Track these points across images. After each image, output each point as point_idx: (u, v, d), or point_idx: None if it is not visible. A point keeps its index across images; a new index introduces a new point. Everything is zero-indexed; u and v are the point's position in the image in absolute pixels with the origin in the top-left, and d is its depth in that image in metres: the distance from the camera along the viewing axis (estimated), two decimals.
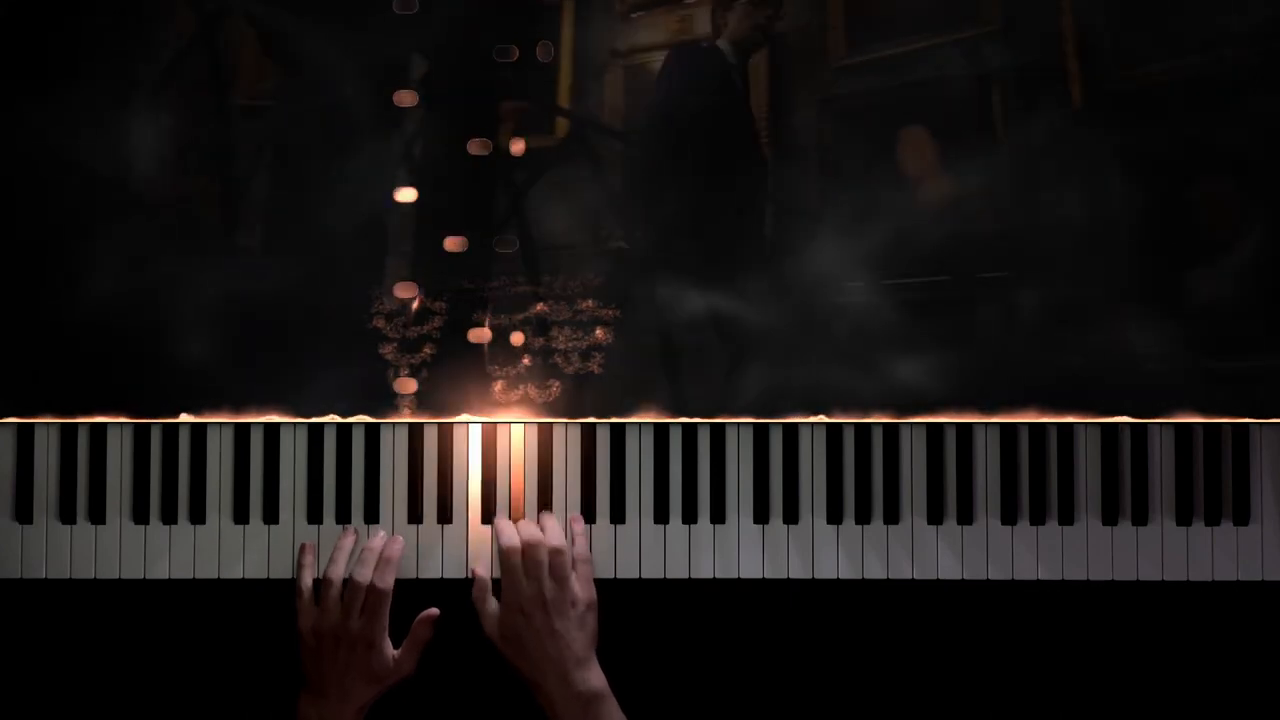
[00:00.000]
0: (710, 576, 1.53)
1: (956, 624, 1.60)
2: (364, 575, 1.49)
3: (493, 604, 1.49)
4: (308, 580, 1.50)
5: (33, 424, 1.53)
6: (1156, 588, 1.52)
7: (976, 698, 1.60)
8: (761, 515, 1.53)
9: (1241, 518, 1.52)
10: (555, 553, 1.48)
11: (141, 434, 1.53)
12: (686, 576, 1.53)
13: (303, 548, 1.52)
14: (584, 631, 1.47)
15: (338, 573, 1.50)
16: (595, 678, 1.46)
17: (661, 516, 1.53)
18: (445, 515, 1.53)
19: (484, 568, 1.51)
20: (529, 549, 1.47)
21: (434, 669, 1.52)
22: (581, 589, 1.48)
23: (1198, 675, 1.60)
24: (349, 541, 1.52)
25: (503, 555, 1.48)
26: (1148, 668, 1.60)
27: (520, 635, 1.46)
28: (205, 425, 1.53)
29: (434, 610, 1.51)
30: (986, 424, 1.53)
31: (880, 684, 1.60)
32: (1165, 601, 1.57)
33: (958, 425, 1.53)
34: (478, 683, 1.58)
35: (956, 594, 1.55)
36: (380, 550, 1.50)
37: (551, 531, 1.49)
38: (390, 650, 1.49)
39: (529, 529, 1.49)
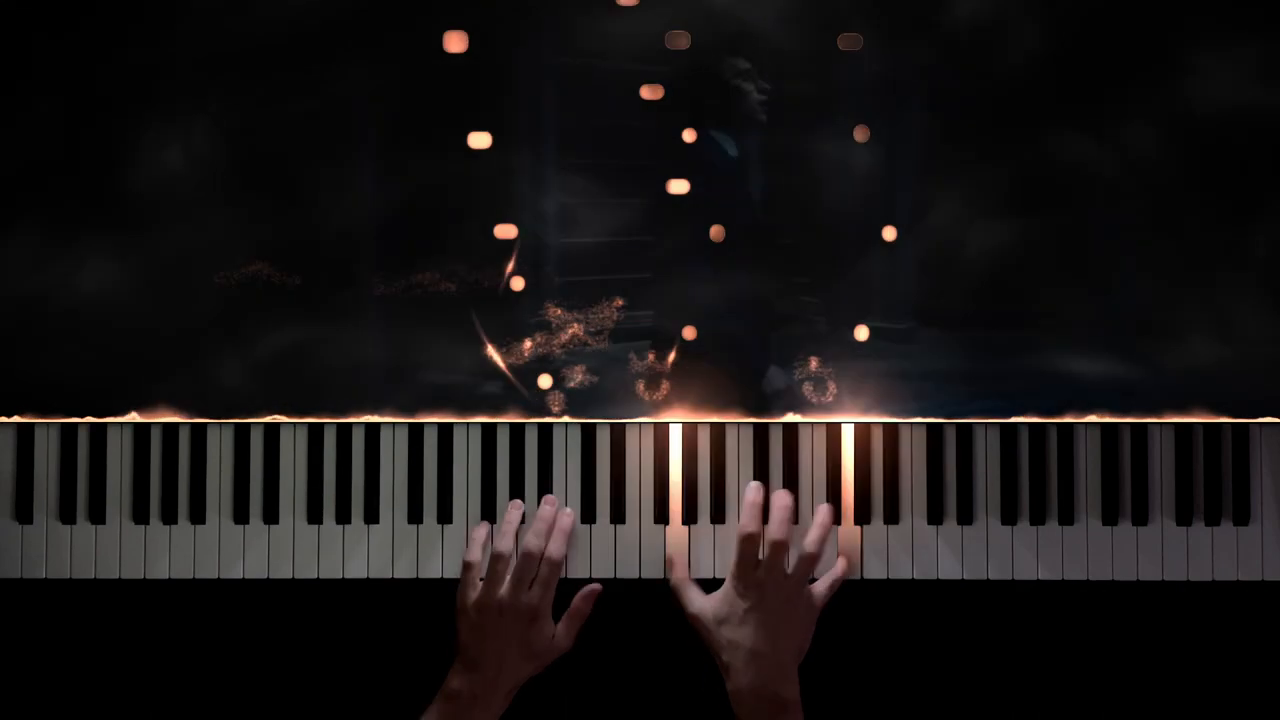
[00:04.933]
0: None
1: (956, 624, 1.60)
2: (536, 545, 1.48)
3: (695, 587, 1.50)
4: (477, 554, 1.49)
5: (33, 424, 1.53)
6: (1156, 588, 1.52)
7: (976, 698, 1.60)
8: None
9: (1241, 518, 1.52)
10: (809, 559, 1.48)
11: (141, 434, 1.53)
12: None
13: (480, 525, 1.51)
14: (798, 640, 1.47)
15: (507, 546, 1.49)
16: (792, 689, 1.45)
17: (661, 516, 1.53)
18: (447, 515, 1.53)
19: (681, 558, 1.51)
20: (779, 547, 1.47)
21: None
22: (814, 601, 1.48)
23: (1198, 675, 1.60)
24: (516, 515, 1.51)
25: (743, 539, 1.48)
26: (1148, 668, 1.60)
27: (734, 619, 1.46)
28: (205, 425, 1.53)
29: (596, 586, 1.51)
30: (986, 424, 1.53)
31: (880, 684, 1.60)
32: (1165, 601, 1.57)
33: (958, 425, 1.53)
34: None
35: (956, 594, 1.55)
36: (552, 520, 1.50)
37: (811, 540, 1.49)
38: (552, 625, 1.49)
39: (783, 525, 1.48)
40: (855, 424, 1.53)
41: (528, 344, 1.53)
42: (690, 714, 1.60)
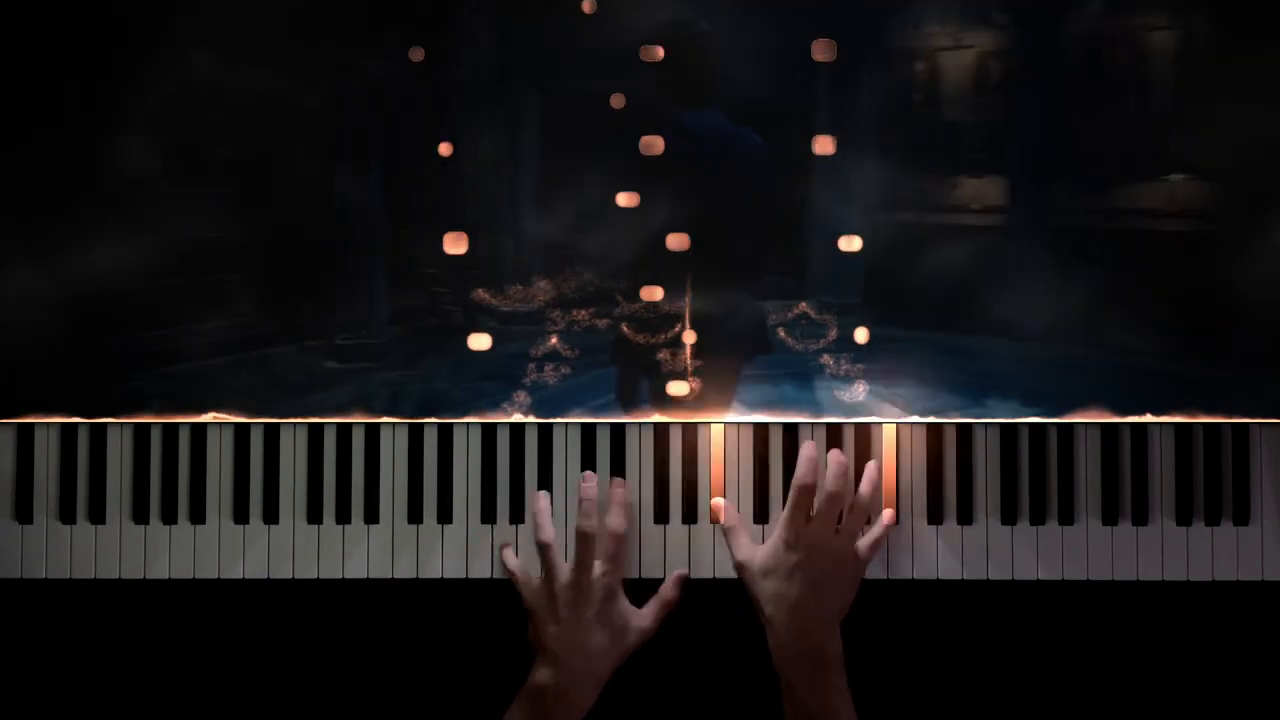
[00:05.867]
0: (710, 576, 1.53)
1: (956, 624, 1.60)
2: (588, 524, 1.47)
3: (746, 533, 1.49)
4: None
5: (33, 424, 1.53)
6: (1156, 588, 1.52)
7: (976, 697, 1.60)
8: (761, 515, 1.53)
9: (1241, 518, 1.52)
10: (861, 511, 1.48)
11: (141, 434, 1.53)
12: (686, 576, 1.53)
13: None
14: (843, 597, 1.46)
15: (550, 534, 1.48)
16: (834, 643, 1.44)
17: (661, 516, 1.53)
18: (445, 515, 1.53)
19: (729, 504, 1.51)
20: (834, 497, 1.47)
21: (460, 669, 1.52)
22: (860, 559, 1.47)
23: (1198, 675, 1.60)
24: (546, 503, 1.51)
25: (797, 489, 1.47)
26: (1148, 668, 1.60)
27: (781, 572, 1.45)
28: (205, 425, 1.53)
29: (684, 570, 1.51)
30: (986, 424, 1.53)
31: (879, 684, 1.60)
32: (1165, 601, 1.57)
33: (958, 425, 1.53)
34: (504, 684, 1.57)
35: (956, 594, 1.55)
36: (594, 498, 1.49)
37: (864, 492, 1.49)
38: (628, 605, 1.48)
39: (840, 478, 1.48)
40: (855, 425, 1.53)
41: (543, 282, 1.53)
42: (693, 714, 1.60)
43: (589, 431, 1.54)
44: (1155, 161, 1.49)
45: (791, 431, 1.53)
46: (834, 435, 1.53)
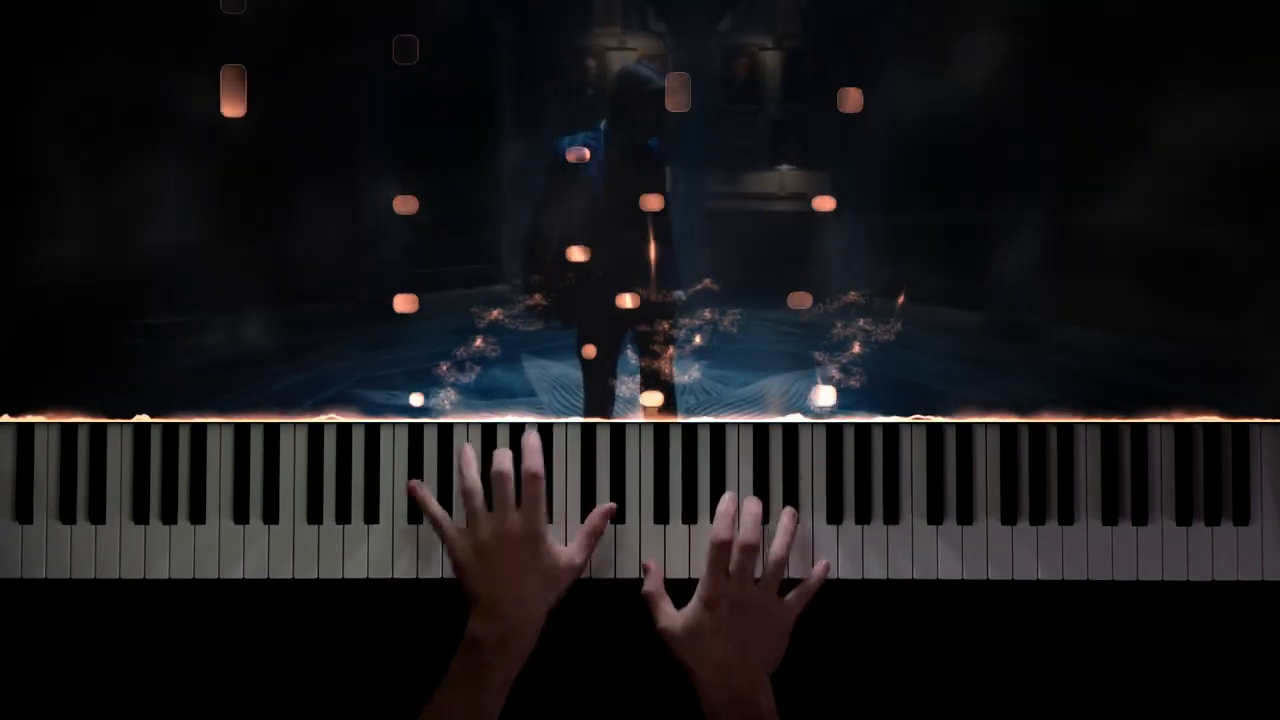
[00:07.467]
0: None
1: (956, 624, 1.60)
2: (506, 466, 1.47)
3: (668, 599, 1.48)
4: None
5: (33, 424, 1.53)
6: (1156, 588, 1.52)
7: (976, 698, 1.60)
8: (762, 515, 1.53)
9: (1241, 518, 1.52)
10: (776, 565, 1.47)
11: (141, 434, 1.53)
12: (687, 576, 1.53)
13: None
14: (769, 650, 1.46)
15: (473, 482, 1.48)
16: (765, 697, 1.43)
17: (661, 516, 1.53)
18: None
19: (658, 563, 1.51)
20: (748, 550, 1.46)
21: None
22: (785, 611, 1.47)
23: (1198, 675, 1.60)
24: (471, 452, 1.50)
25: (714, 546, 1.47)
26: (1148, 668, 1.60)
27: (704, 631, 1.44)
28: (205, 425, 1.53)
29: (612, 504, 1.51)
30: (986, 424, 1.53)
31: (880, 684, 1.60)
32: (1165, 601, 1.57)
33: (957, 425, 1.53)
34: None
35: (956, 594, 1.55)
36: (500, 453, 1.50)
37: (777, 546, 1.48)
38: (557, 544, 1.48)
39: (753, 530, 1.47)
40: (855, 424, 1.53)
41: None
42: (694, 714, 1.60)
43: (589, 431, 1.54)
44: (769, 155, 1.59)
45: (792, 431, 1.53)
46: (834, 434, 1.53)
